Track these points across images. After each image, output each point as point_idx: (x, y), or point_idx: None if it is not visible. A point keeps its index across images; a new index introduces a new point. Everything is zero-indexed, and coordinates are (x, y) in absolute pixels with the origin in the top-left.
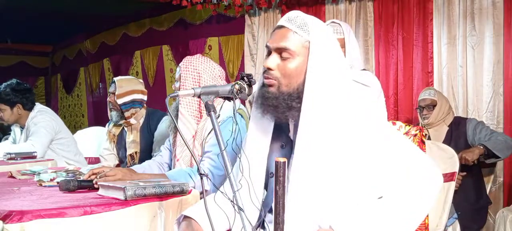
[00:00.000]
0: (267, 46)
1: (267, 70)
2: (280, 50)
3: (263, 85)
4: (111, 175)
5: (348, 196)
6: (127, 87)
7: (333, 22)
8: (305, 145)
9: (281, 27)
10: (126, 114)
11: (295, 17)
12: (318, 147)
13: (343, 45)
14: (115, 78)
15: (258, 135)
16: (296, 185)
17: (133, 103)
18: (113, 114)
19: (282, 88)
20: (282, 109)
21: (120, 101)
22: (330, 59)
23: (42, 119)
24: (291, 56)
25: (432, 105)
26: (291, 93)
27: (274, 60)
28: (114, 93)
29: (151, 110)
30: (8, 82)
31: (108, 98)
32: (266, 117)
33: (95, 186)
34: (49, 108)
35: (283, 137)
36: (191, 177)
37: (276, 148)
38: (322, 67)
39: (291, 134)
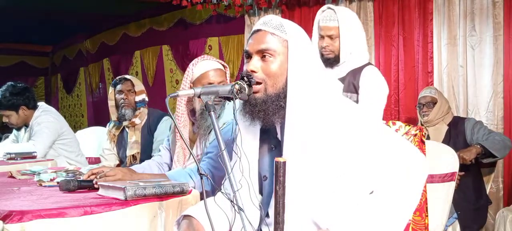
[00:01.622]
0: (246, 51)
1: (250, 74)
2: (261, 52)
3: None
4: (111, 175)
5: (341, 193)
6: (141, 86)
7: (329, 7)
8: (294, 143)
9: (258, 31)
10: (136, 112)
11: (270, 20)
12: (306, 144)
13: (337, 36)
14: (127, 76)
15: (247, 140)
16: (289, 185)
17: (143, 102)
18: (127, 112)
19: (269, 90)
20: (272, 112)
21: (138, 98)
22: (309, 57)
23: (46, 119)
24: (273, 56)
25: (432, 102)
26: (278, 93)
27: (256, 63)
28: (130, 91)
29: (151, 110)
30: (4, 88)
31: (121, 95)
32: (254, 123)
33: (95, 186)
34: (53, 108)
35: (272, 139)
36: (191, 177)
37: (266, 151)
38: (302, 65)
39: (279, 135)
